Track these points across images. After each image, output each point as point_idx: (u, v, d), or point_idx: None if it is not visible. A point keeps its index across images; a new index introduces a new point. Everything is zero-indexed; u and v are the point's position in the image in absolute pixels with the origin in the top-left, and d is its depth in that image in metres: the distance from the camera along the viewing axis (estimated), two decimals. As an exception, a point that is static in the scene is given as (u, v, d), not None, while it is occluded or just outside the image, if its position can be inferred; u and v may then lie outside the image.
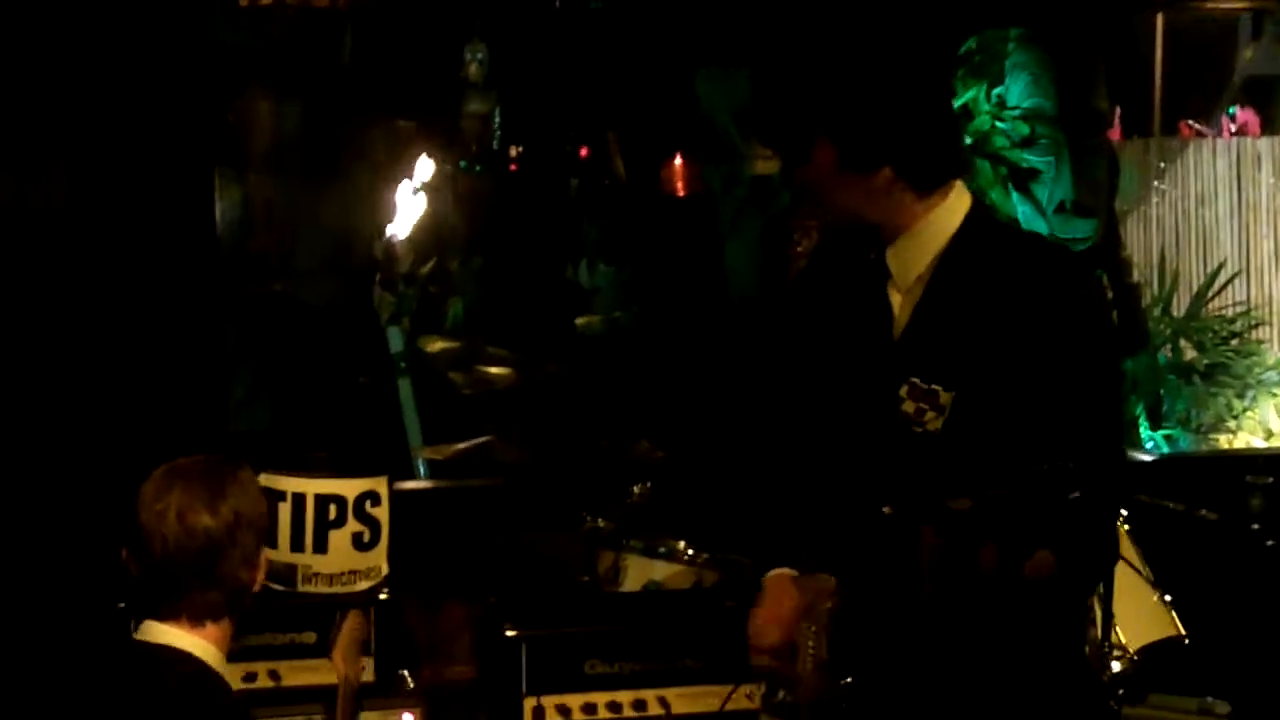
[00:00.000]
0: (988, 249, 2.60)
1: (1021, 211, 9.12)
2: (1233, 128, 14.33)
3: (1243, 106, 15.05)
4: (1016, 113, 9.08)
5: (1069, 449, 2.37)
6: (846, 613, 2.62)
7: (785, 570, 2.80)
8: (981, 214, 2.69)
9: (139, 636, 2.68)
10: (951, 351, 2.52)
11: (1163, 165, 11.64)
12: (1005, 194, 9.14)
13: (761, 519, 2.96)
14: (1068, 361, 2.47)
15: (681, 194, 7.03)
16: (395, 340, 7.23)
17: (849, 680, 2.61)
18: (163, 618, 2.65)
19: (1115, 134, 9.45)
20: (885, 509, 2.42)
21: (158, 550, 2.62)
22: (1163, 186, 11.47)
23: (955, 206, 2.62)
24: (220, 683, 2.66)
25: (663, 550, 4.35)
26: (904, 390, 2.50)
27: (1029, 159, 9.00)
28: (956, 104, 8.84)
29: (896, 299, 2.63)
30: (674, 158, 7.03)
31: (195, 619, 2.65)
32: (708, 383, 4.83)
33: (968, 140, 8.95)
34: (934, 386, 2.47)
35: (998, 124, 9.04)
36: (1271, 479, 4.78)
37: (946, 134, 2.72)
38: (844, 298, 2.72)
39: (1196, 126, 13.94)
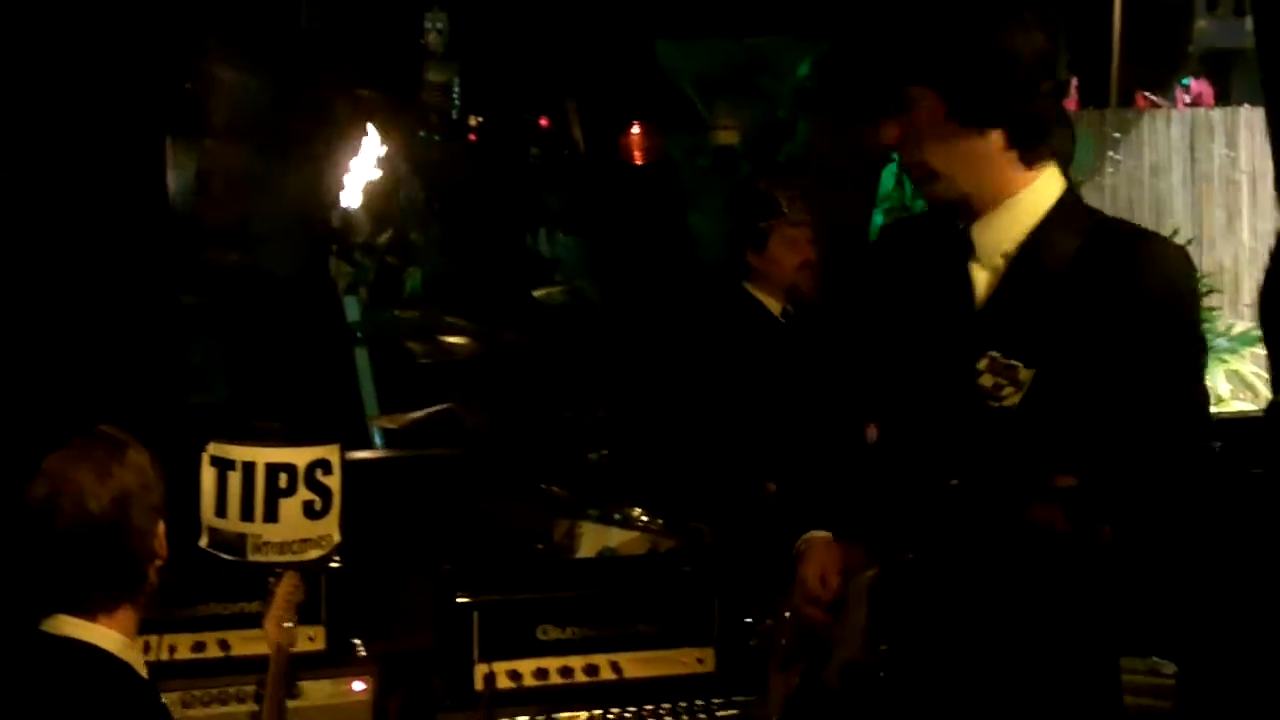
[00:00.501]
0: (1079, 230, 2.49)
1: (981, 181, 9.17)
2: (1187, 99, 14.43)
3: (1197, 78, 15.13)
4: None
5: (1150, 437, 2.32)
6: (891, 582, 2.56)
7: (825, 533, 2.76)
8: (1074, 196, 2.58)
9: (46, 628, 2.63)
10: (1035, 329, 2.43)
11: (1118, 135, 11.71)
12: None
13: (801, 484, 2.95)
14: (1154, 351, 2.38)
15: (641, 162, 7.03)
16: (352, 310, 7.23)
17: (885, 649, 2.55)
18: (66, 609, 2.61)
19: (1071, 104, 9.49)
20: (952, 481, 2.39)
21: (49, 541, 2.58)
22: (1117, 156, 11.54)
23: (1050, 185, 2.53)
24: (126, 672, 2.62)
25: (618, 517, 4.36)
26: (983, 364, 2.42)
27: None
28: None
29: (979, 274, 2.54)
30: (633, 126, 7.03)
31: (97, 608, 2.61)
32: (670, 352, 4.82)
33: (925, 110, 8.99)
34: (1014, 362, 2.40)
35: (956, 94, 9.08)
36: (1219, 444, 4.81)
37: (1058, 101, 2.65)
38: (919, 271, 2.63)
39: (1152, 98, 14.01)
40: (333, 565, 3.76)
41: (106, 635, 2.61)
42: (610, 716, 3.60)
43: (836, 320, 3.07)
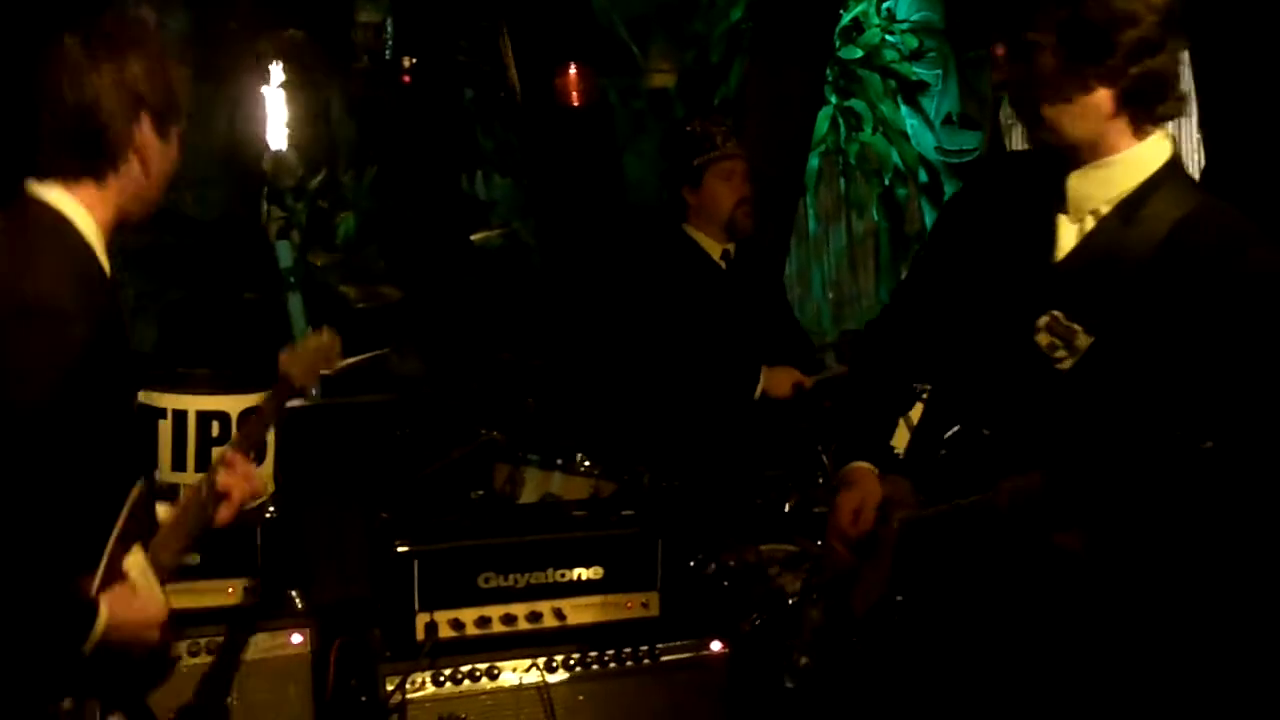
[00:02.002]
0: (1180, 204, 2.39)
1: (910, 124, 9.15)
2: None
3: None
4: (905, 26, 9.09)
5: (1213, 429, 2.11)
6: (914, 533, 2.55)
7: (868, 465, 2.72)
8: (1179, 167, 2.48)
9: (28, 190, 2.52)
10: (1106, 294, 2.35)
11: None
12: (895, 106, 9.17)
13: (844, 412, 2.90)
14: (1232, 348, 2.21)
15: (577, 104, 6.94)
16: (284, 255, 7.12)
17: (901, 598, 2.54)
18: (40, 174, 2.48)
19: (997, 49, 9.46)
20: (984, 431, 2.41)
21: (44, 101, 2.48)
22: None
23: (1157, 151, 2.44)
24: (77, 238, 2.48)
25: (559, 462, 4.31)
26: (1043, 321, 2.37)
27: (918, 72, 9.02)
28: (846, 18, 8.84)
29: (1066, 227, 2.47)
30: (569, 68, 6.93)
31: (64, 174, 2.47)
32: (609, 295, 4.78)
33: (857, 53, 8.97)
34: (1075, 326, 2.34)
35: (887, 37, 9.04)
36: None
37: (1177, 64, 2.48)
38: (1009, 212, 2.57)
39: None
40: (268, 515, 3.69)
41: (63, 198, 2.50)
42: (555, 663, 3.56)
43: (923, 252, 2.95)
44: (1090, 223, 2.45)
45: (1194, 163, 5.73)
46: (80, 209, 2.48)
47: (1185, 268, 2.29)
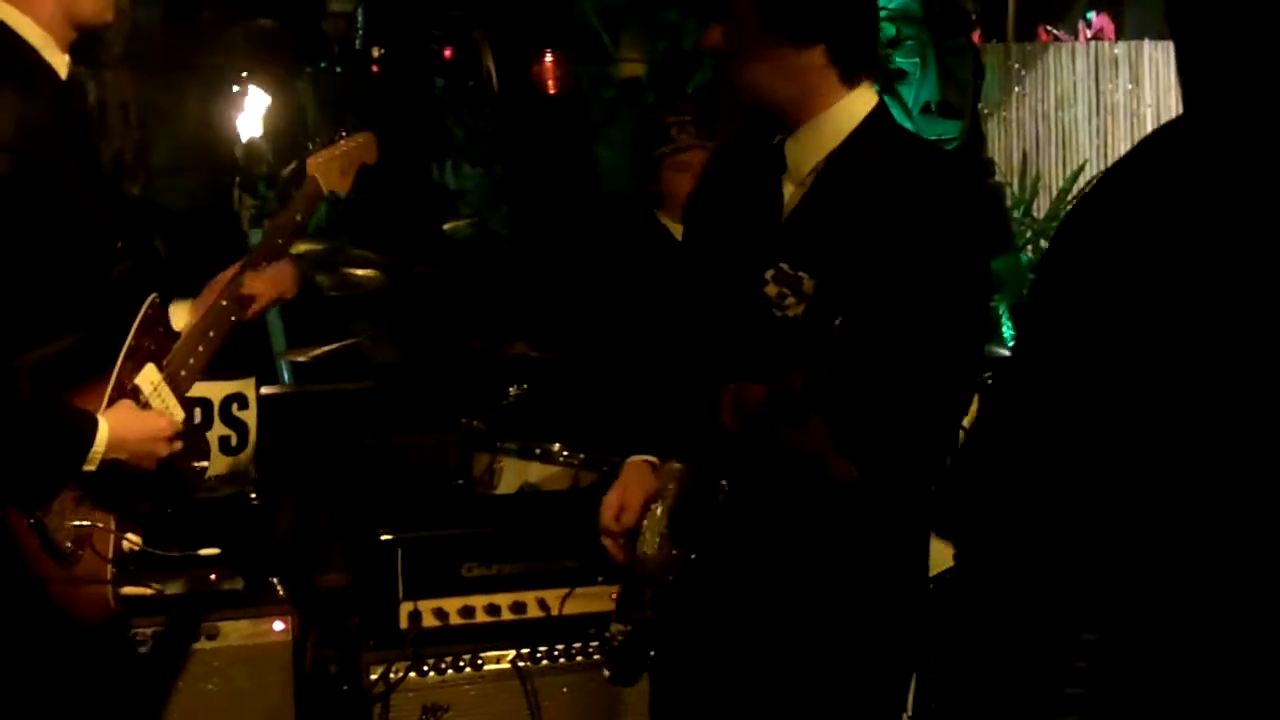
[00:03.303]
0: (883, 147, 2.52)
1: (888, 112, 9.18)
2: (1089, 33, 14.54)
3: (1098, 12, 15.24)
4: (883, 14, 9.10)
5: (919, 352, 2.38)
6: (695, 494, 2.56)
7: (645, 457, 2.74)
8: (884, 113, 2.60)
9: None
10: (824, 241, 2.46)
11: (1021, 69, 11.79)
12: (872, 95, 9.20)
13: (627, 407, 2.90)
14: (934, 269, 2.41)
15: (553, 92, 6.92)
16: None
17: (692, 557, 2.56)
18: None
19: (975, 37, 9.52)
20: (729, 386, 2.45)
21: None
22: (1022, 90, 11.62)
23: (863, 100, 2.55)
24: (27, 52, 2.46)
25: (538, 452, 4.30)
26: (770, 274, 2.40)
27: (896, 60, 9.03)
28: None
29: (789, 189, 2.56)
30: (546, 55, 6.91)
31: None
32: (580, 282, 4.76)
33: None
34: (800, 273, 2.39)
35: (864, 26, 9.07)
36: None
37: (876, 17, 2.66)
38: (736, 189, 2.64)
39: (1054, 31, 14.11)
40: (251, 502, 3.68)
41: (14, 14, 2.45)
42: (539, 654, 3.55)
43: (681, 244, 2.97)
44: (809, 180, 2.54)
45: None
46: (11, 9, 2.43)
47: (880, 199, 2.45)
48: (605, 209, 7.27)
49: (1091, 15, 14.97)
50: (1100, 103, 11.87)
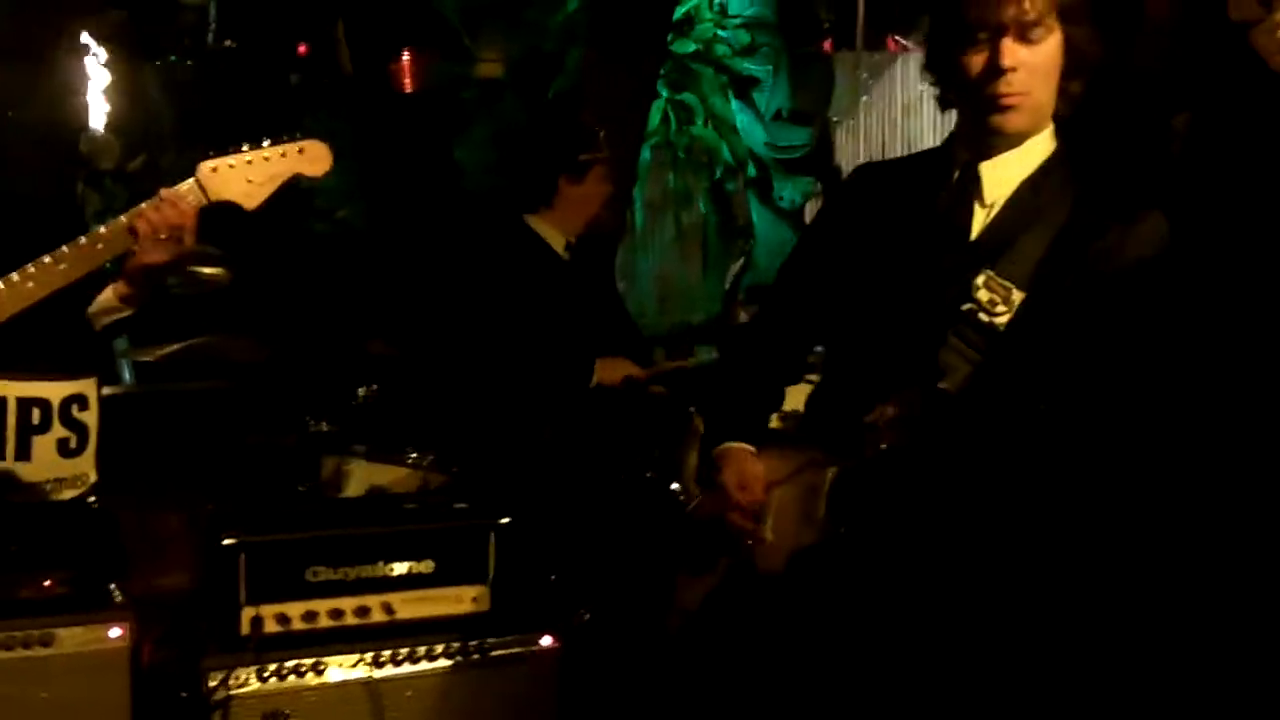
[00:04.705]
0: (1084, 180, 2.65)
1: (741, 119, 9.24)
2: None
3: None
4: (738, 21, 9.18)
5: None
6: (855, 479, 2.65)
7: (743, 444, 2.84)
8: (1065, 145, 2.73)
9: None
10: (1031, 262, 2.58)
11: (869, 78, 11.97)
12: (726, 101, 9.25)
13: (718, 401, 2.98)
14: (1142, 304, 2.54)
15: (411, 90, 6.88)
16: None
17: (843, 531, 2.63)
18: None
19: (826, 46, 9.65)
20: (941, 385, 2.55)
21: None
22: (870, 98, 11.79)
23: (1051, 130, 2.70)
24: None
25: (388, 454, 4.27)
26: (980, 279, 2.55)
27: (749, 67, 9.11)
28: (679, 12, 8.89)
29: (978, 210, 2.66)
30: (403, 53, 6.86)
31: None
32: (446, 287, 4.73)
33: (690, 47, 9.02)
34: (1008, 283, 2.54)
35: (720, 32, 9.12)
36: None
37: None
38: (903, 206, 2.73)
39: (902, 41, 14.34)
40: (90, 505, 3.59)
41: None
42: (383, 658, 3.52)
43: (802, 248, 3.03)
44: (1000, 204, 2.64)
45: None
46: None
47: (1093, 234, 2.57)
48: (467, 208, 7.23)
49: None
50: (945, 111, 12.07)
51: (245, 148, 2.93)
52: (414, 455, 4.26)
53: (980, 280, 2.54)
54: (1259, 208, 3.67)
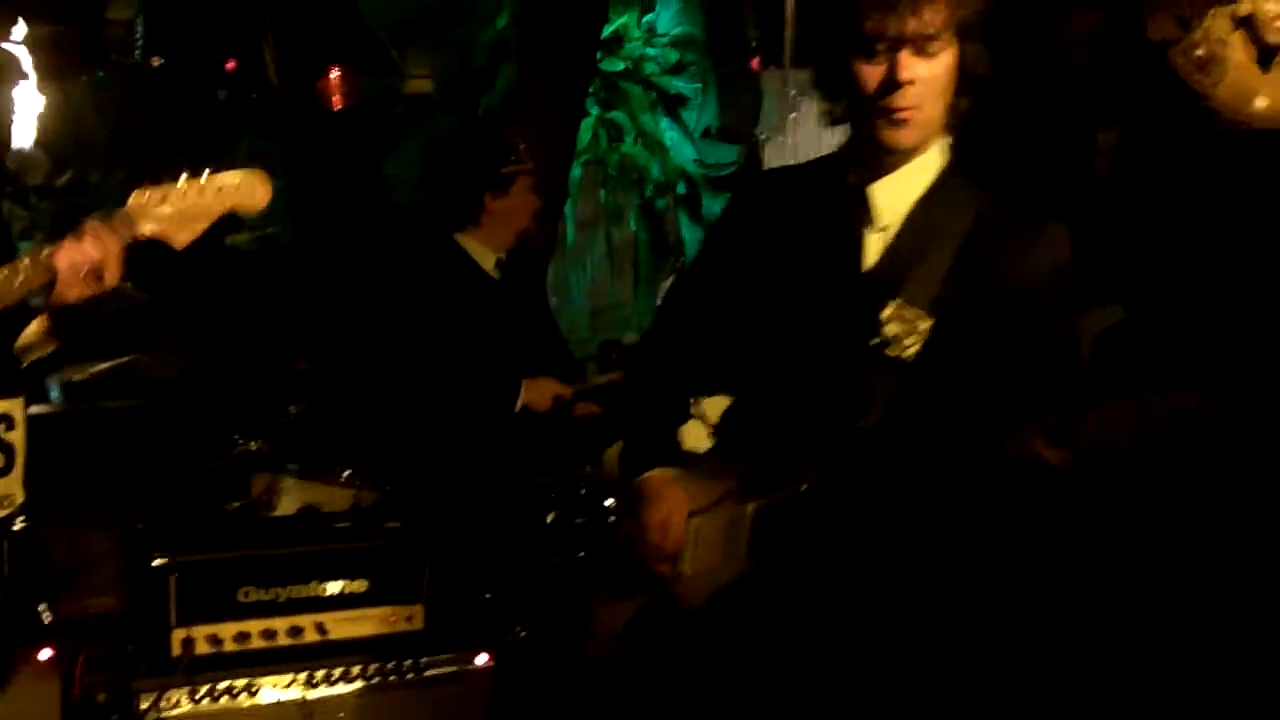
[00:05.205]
0: (967, 194, 2.60)
1: (670, 136, 9.29)
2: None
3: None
4: (666, 39, 9.23)
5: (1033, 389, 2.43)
6: (778, 513, 2.58)
7: (667, 471, 2.74)
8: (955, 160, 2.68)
9: None
10: (931, 286, 2.52)
11: (797, 95, 12.07)
12: (655, 119, 9.29)
13: (633, 421, 2.88)
14: (1040, 316, 2.50)
15: (340, 107, 6.86)
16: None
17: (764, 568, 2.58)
18: None
19: (754, 64, 9.73)
20: (860, 424, 2.47)
21: None
22: (798, 116, 11.87)
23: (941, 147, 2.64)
24: None
25: (320, 472, 4.25)
26: (889, 311, 2.48)
27: (678, 85, 9.16)
28: (608, 30, 8.92)
29: (873, 236, 2.60)
30: (332, 70, 6.84)
31: None
32: (375, 305, 4.71)
33: (619, 66, 9.06)
34: (917, 310, 2.48)
35: (649, 50, 9.17)
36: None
37: None
38: (800, 226, 2.67)
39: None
40: (17, 527, 3.54)
41: None
42: (316, 678, 3.51)
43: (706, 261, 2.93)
44: (895, 227, 2.59)
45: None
46: None
47: (988, 239, 2.54)
48: (396, 227, 7.21)
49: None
50: (833, 128, 12.18)
51: (183, 178, 2.81)
52: (346, 473, 4.24)
53: (887, 313, 2.50)
54: (1182, 221, 3.75)
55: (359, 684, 3.56)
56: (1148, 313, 3.65)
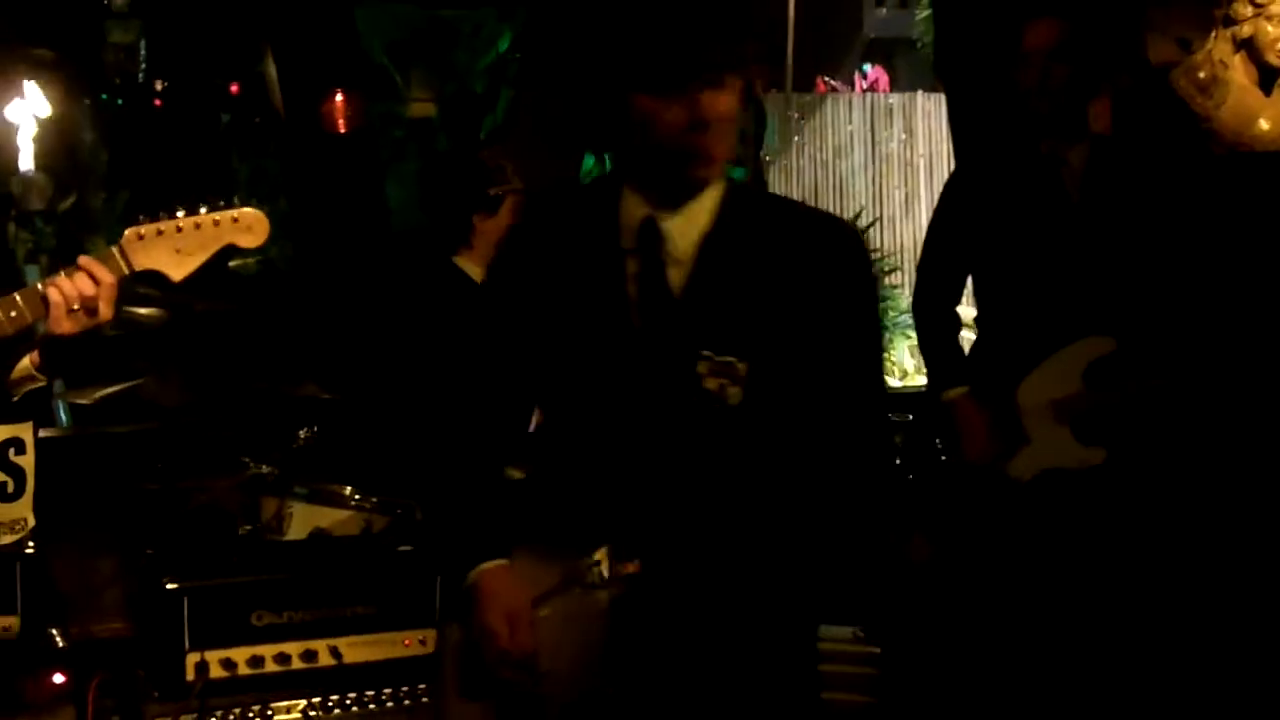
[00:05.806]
0: (760, 216, 2.46)
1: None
2: (864, 84, 15.03)
3: (874, 64, 15.75)
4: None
5: (850, 408, 2.42)
6: (632, 598, 2.39)
7: (499, 561, 2.46)
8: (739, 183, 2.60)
9: None
10: (740, 321, 2.38)
11: (800, 118, 12.13)
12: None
13: (444, 507, 2.64)
14: (849, 325, 2.42)
15: (343, 130, 6.88)
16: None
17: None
18: None
19: (757, 87, 9.78)
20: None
21: None
22: (801, 139, 11.95)
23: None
24: None
25: (329, 496, 4.24)
26: (703, 366, 2.33)
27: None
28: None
29: (673, 270, 2.42)
30: (336, 94, 6.87)
31: None
32: (375, 328, 4.72)
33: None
34: (729, 359, 2.34)
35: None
36: (910, 416, 4.95)
37: None
38: (575, 259, 2.49)
39: (831, 82, 14.53)
40: (28, 551, 3.55)
41: None
42: (331, 703, 3.51)
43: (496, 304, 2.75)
44: (690, 262, 2.43)
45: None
46: None
47: (786, 265, 2.41)
48: (396, 248, 7.22)
49: (867, 67, 15.48)
50: (875, 151, 12.28)
51: (179, 213, 2.79)
52: (356, 497, 4.25)
53: (703, 369, 2.33)
54: (1177, 246, 3.74)
55: (372, 708, 3.56)
56: (1140, 342, 3.65)
